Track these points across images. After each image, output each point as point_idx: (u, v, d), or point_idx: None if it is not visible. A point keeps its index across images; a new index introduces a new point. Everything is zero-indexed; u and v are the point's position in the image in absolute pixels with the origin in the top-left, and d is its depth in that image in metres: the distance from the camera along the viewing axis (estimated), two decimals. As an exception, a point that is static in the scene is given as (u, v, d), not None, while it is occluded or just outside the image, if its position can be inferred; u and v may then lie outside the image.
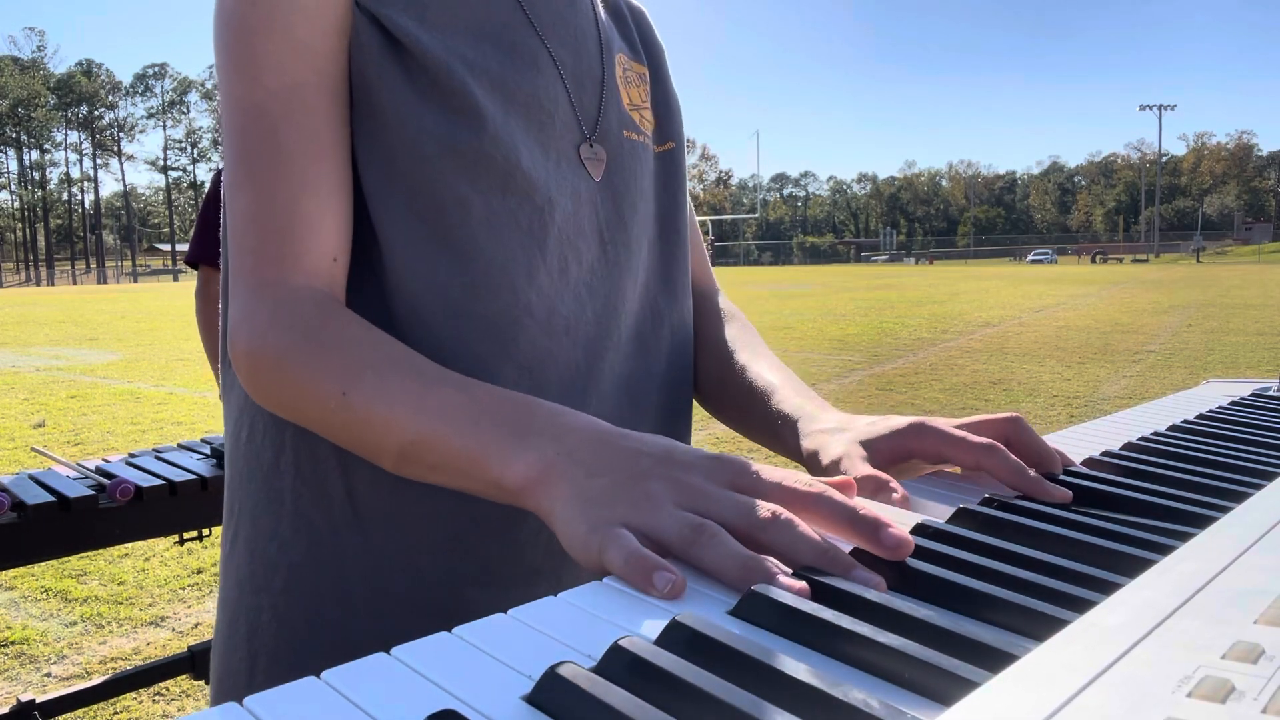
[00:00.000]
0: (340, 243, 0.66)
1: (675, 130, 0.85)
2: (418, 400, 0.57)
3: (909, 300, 21.23)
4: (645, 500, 0.47)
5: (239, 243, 0.65)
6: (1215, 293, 21.26)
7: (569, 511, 0.48)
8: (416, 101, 0.66)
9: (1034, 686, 0.28)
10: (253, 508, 0.72)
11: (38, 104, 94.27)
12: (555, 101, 0.72)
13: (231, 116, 0.66)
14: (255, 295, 0.63)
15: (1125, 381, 8.01)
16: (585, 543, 0.46)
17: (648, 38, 0.87)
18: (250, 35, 0.65)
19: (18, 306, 27.74)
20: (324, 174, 0.65)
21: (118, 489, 1.76)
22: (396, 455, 0.57)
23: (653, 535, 0.45)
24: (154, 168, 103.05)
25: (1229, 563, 0.38)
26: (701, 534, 0.44)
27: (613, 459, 0.50)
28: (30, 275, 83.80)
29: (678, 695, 0.30)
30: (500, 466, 0.53)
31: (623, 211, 0.77)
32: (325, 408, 0.59)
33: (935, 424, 0.62)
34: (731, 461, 0.50)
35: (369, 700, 0.31)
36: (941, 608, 0.39)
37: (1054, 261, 65.88)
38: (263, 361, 0.62)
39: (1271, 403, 0.89)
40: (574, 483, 0.50)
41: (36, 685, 2.82)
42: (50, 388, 9.25)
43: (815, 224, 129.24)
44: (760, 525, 0.45)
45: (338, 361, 0.59)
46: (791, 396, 0.76)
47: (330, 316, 0.62)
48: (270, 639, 0.69)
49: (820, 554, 0.43)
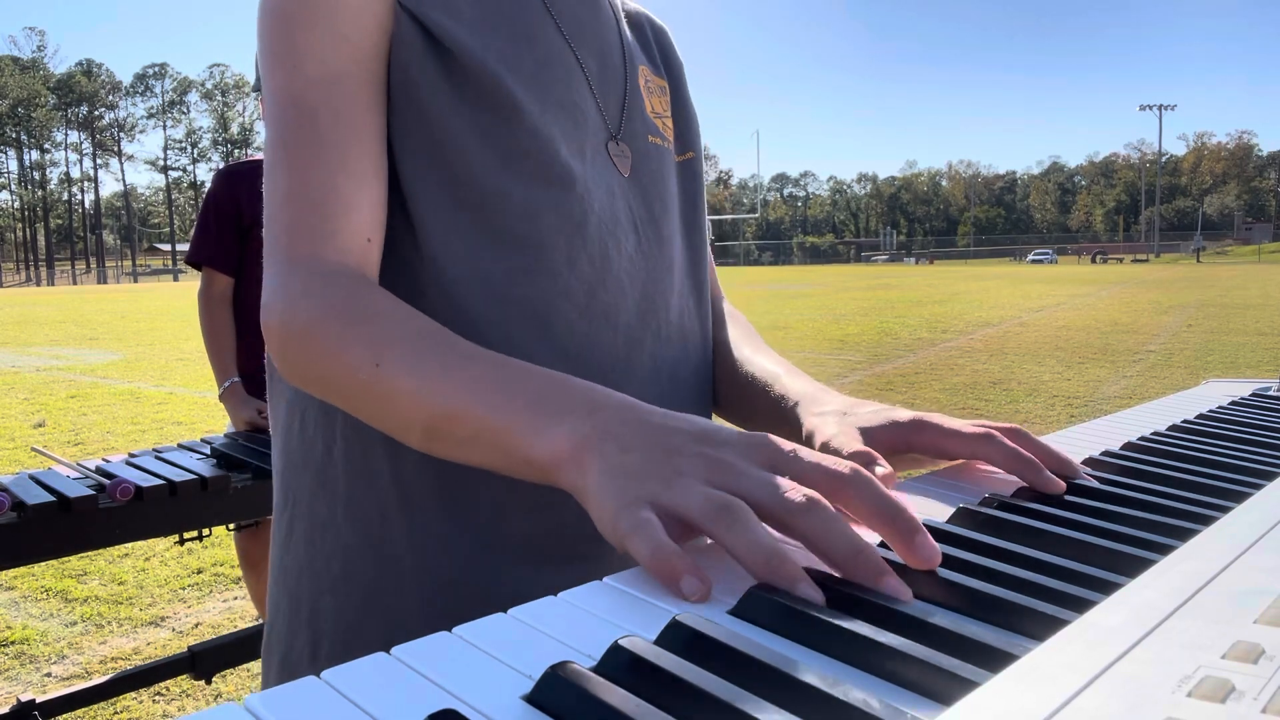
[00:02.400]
0: (375, 225, 0.67)
1: (694, 143, 0.88)
2: (450, 373, 0.56)
3: (909, 300, 21.23)
4: (676, 476, 0.46)
5: (274, 221, 0.66)
6: (1215, 293, 21.26)
7: (600, 487, 0.47)
8: (456, 98, 0.68)
9: (1034, 686, 0.28)
10: (308, 498, 0.73)
11: (38, 104, 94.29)
12: (585, 103, 0.75)
13: (272, 104, 0.68)
14: (289, 270, 0.64)
15: (1125, 381, 8.01)
16: (614, 522, 0.45)
17: (668, 54, 0.89)
18: (293, 27, 0.67)
19: (18, 306, 27.74)
20: (361, 158, 0.66)
21: (118, 489, 1.76)
22: (424, 429, 0.57)
23: (680, 513, 0.44)
24: (154, 168, 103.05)
25: (1229, 563, 0.38)
26: (729, 513, 0.42)
27: (646, 435, 0.49)
28: (30, 275, 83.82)
29: (678, 695, 0.30)
30: (532, 441, 0.52)
31: (652, 208, 0.79)
32: (355, 378, 0.59)
33: (935, 419, 0.63)
34: (768, 441, 0.48)
35: (369, 700, 0.31)
36: (941, 607, 0.39)
37: (1054, 261, 65.89)
38: (294, 332, 0.62)
39: (1271, 403, 0.89)
40: (606, 458, 0.49)
41: (36, 685, 2.82)
42: (50, 388, 9.25)
43: (815, 224, 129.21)
44: (793, 510, 0.43)
45: (370, 332, 0.59)
46: (793, 382, 0.77)
47: (364, 290, 0.63)
48: (331, 623, 0.71)
49: (853, 552, 0.41)
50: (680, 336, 0.80)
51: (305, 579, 0.73)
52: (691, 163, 0.87)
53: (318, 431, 0.72)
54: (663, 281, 0.79)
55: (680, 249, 0.83)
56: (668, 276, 0.79)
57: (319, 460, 0.72)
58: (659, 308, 0.78)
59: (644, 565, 0.42)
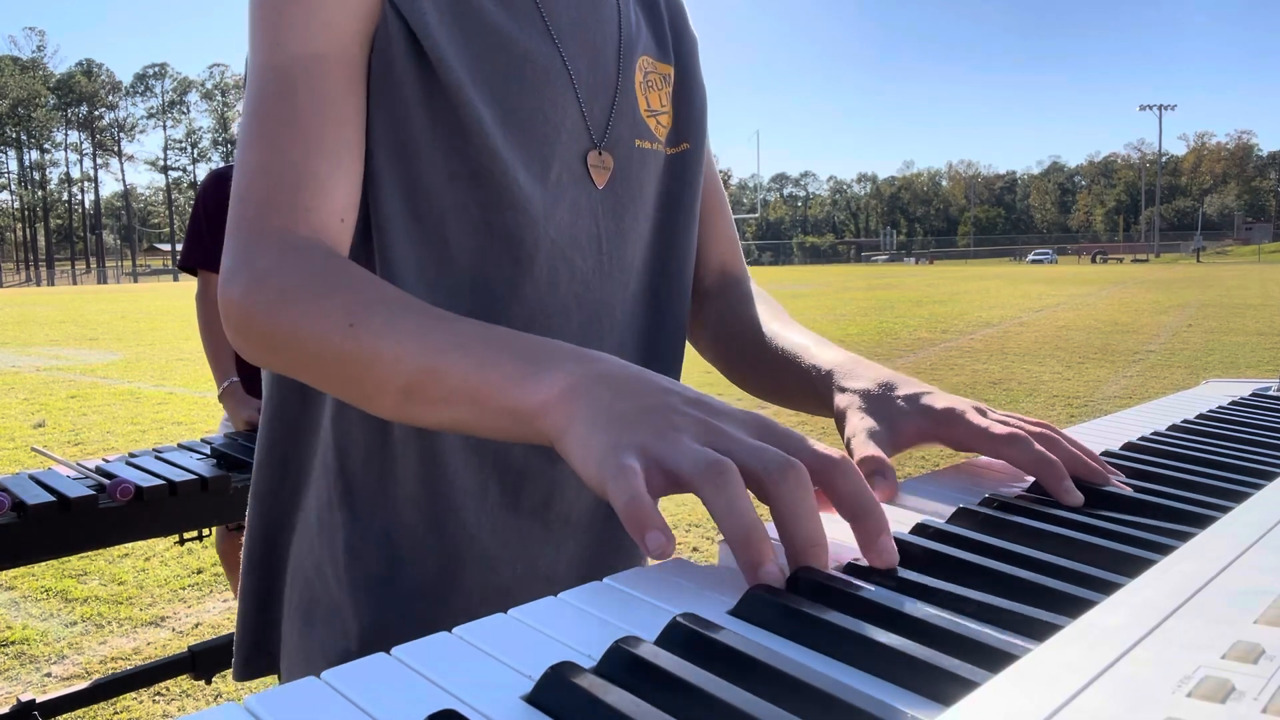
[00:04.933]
0: (349, 205, 0.66)
1: (694, 130, 0.84)
2: (429, 331, 0.54)
3: (909, 300, 21.22)
4: (670, 430, 0.45)
5: (245, 194, 0.64)
6: (1215, 293, 21.25)
7: (586, 429, 0.46)
8: (425, 106, 0.68)
9: (1034, 686, 0.28)
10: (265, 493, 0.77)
11: (38, 104, 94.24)
12: (563, 112, 0.73)
13: (252, 79, 0.67)
14: (259, 242, 0.62)
15: (1125, 381, 8.01)
16: (599, 463, 0.44)
17: (680, 32, 0.86)
18: (279, 4, 0.67)
19: (18, 306, 27.73)
20: (338, 139, 0.65)
21: (118, 489, 1.75)
22: (401, 390, 0.54)
23: (669, 465, 0.43)
24: (154, 168, 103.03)
25: (1229, 563, 0.38)
26: (719, 473, 0.42)
27: (641, 386, 0.48)
28: (30, 275, 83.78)
29: (678, 695, 0.30)
30: (518, 390, 0.50)
31: (622, 219, 0.78)
32: (328, 341, 0.56)
33: (967, 415, 0.61)
34: (762, 416, 0.48)
35: (369, 700, 0.31)
36: (942, 608, 0.39)
37: (1054, 261, 65.87)
38: (260, 303, 0.59)
39: (1271, 403, 0.89)
40: (597, 401, 0.47)
41: (36, 685, 2.82)
42: (50, 388, 9.24)
43: (815, 224, 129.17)
44: (774, 472, 0.43)
45: (346, 296, 0.57)
46: (824, 352, 0.75)
47: (338, 261, 0.61)
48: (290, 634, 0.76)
49: (809, 544, 0.42)
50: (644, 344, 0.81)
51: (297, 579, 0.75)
52: (685, 155, 0.83)
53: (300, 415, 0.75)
54: (615, 296, 0.78)
55: (645, 255, 0.81)
56: (623, 291, 0.79)
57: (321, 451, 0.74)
58: (611, 323, 0.77)
59: (616, 509, 0.41)
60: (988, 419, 0.61)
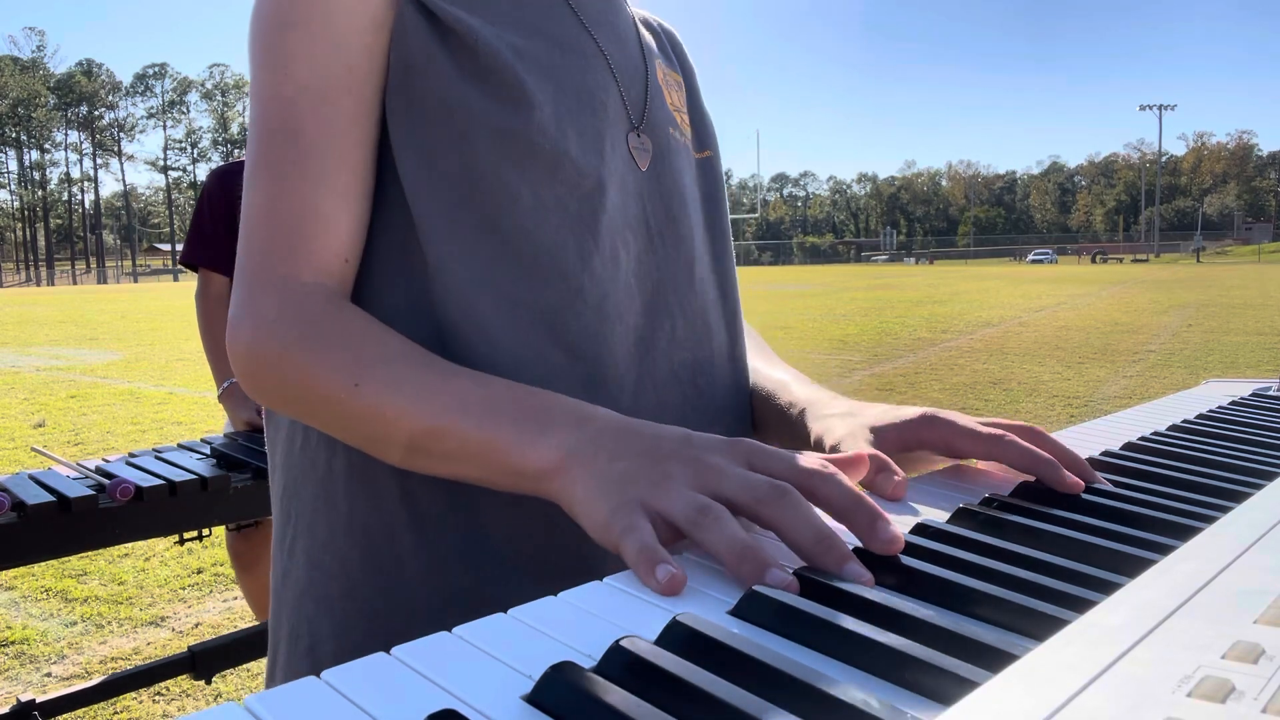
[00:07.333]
0: (354, 245, 0.65)
1: (711, 143, 0.85)
2: (432, 391, 0.56)
3: (909, 300, 21.22)
4: (664, 480, 0.48)
5: (250, 238, 0.64)
6: (1215, 293, 21.25)
7: (590, 494, 0.49)
8: (465, 88, 0.65)
9: (1034, 686, 0.28)
10: (310, 516, 0.70)
11: (38, 104, 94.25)
12: (606, 90, 0.72)
13: (257, 109, 0.66)
14: (262, 290, 0.62)
15: (1125, 381, 8.01)
16: (607, 526, 0.47)
17: (681, 58, 0.88)
18: (285, 28, 0.65)
19: (18, 306, 27.73)
20: (344, 175, 0.64)
21: (118, 489, 1.75)
22: (406, 446, 0.57)
23: (666, 515, 0.46)
24: (154, 168, 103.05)
25: (1229, 563, 0.38)
26: (705, 515, 0.44)
27: (633, 444, 0.51)
28: (30, 275, 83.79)
29: (678, 695, 0.30)
30: (521, 453, 0.53)
31: (670, 205, 0.76)
32: (334, 399, 0.58)
33: (946, 415, 0.61)
34: (746, 442, 0.51)
35: (369, 700, 0.31)
36: (941, 608, 0.39)
37: (1054, 261, 65.85)
38: (265, 356, 0.61)
39: (1271, 403, 0.89)
40: (595, 466, 0.50)
41: (36, 685, 2.82)
42: (50, 388, 9.24)
43: (815, 224, 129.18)
44: (764, 499, 0.45)
45: (349, 354, 0.59)
46: (801, 389, 0.77)
47: (340, 311, 0.61)
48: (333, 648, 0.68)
49: (818, 539, 0.43)
50: (698, 340, 0.77)
51: (306, 603, 0.70)
52: (710, 161, 0.84)
53: (320, 445, 0.69)
54: (677, 281, 0.75)
55: (703, 246, 0.80)
56: (684, 277, 0.76)
57: (320, 476, 0.69)
58: (672, 310, 0.75)
59: (629, 564, 0.43)
60: (971, 421, 0.61)
